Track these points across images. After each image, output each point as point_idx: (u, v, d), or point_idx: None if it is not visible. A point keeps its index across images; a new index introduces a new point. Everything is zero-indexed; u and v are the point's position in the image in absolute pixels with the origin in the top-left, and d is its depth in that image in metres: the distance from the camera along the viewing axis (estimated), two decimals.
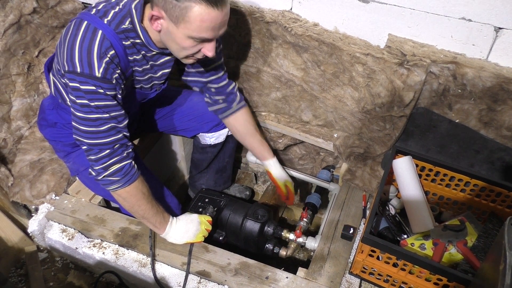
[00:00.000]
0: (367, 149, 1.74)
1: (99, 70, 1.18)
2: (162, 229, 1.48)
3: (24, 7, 1.72)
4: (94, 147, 1.27)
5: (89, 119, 1.23)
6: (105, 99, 1.22)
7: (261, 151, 1.73)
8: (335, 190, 1.89)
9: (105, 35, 1.18)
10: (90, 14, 1.21)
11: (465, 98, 1.46)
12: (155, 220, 1.45)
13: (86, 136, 1.26)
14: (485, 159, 1.55)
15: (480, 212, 1.56)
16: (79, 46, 1.17)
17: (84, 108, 1.21)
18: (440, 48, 1.47)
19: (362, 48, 1.55)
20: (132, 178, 1.34)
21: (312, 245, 1.63)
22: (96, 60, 1.17)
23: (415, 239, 1.44)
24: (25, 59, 1.76)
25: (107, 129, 1.25)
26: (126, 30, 1.23)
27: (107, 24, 1.19)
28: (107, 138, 1.27)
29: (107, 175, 1.31)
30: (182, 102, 1.77)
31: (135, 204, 1.39)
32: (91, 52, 1.17)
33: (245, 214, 1.65)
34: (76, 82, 1.19)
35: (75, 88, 1.19)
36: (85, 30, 1.18)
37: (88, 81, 1.18)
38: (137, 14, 1.22)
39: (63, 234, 1.60)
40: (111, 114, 1.25)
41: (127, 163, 1.32)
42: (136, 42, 1.27)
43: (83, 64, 1.17)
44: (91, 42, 1.17)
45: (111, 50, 1.20)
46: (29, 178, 1.71)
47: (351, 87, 1.65)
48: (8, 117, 1.72)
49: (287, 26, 1.61)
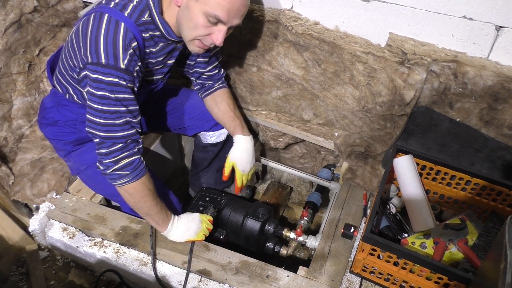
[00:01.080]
0: (368, 148, 1.74)
1: (123, 62, 1.20)
2: (164, 226, 1.48)
3: (24, 5, 1.72)
4: (107, 140, 1.28)
5: (107, 111, 1.24)
6: (126, 92, 1.24)
7: (230, 126, 1.67)
8: (336, 189, 1.89)
9: (127, 27, 1.20)
10: (109, 7, 1.21)
11: (466, 97, 1.46)
12: (158, 218, 1.45)
13: (102, 128, 1.26)
14: (486, 158, 1.55)
15: (480, 211, 1.56)
16: (104, 37, 1.18)
17: (104, 100, 1.22)
18: (441, 46, 1.47)
19: (363, 47, 1.55)
20: (140, 174, 1.35)
21: (313, 244, 1.63)
22: (122, 51, 1.19)
23: (416, 238, 1.44)
24: (25, 58, 1.76)
25: (122, 123, 1.27)
26: (146, 23, 1.26)
27: (128, 17, 1.21)
28: (122, 132, 1.28)
29: (117, 169, 1.31)
30: (182, 101, 1.78)
31: (141, 200, 1.39)
32: (116, 43, 1.18)
33: (246, 213, 1.65)
34: (99, 74, 1.20)
35: (97, 80, 1.20)
36: (108, 22, 1.19)
37: (112, 72, 1.19)
38: (155, 7, 1.25)
39: (64, 232, 1.60)
40: (129, 108, 1.26)
41: (137, 158, 1.33)
42: (154, 34, 1.30)
43: (108, 55, 1.18)
44: (115, 34, 1.18)
45: (134, 41, 1.22)
46: (30, 177, 1.71)
47: (351, 85, 1.65)
48: (9, 116, 1.72)
49: (287, 24, 1.61)
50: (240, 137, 1.64)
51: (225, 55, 1.81)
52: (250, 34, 1.72)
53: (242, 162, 1.65)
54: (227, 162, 1.65)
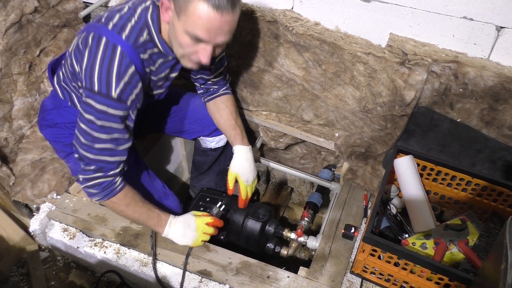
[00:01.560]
0: (368, 149, 1.74)
1: (115, 91, 1.18)
2: (160, 230, 1.47)
3: (25, 6, 1.72)
4: (84, 159, 1.29)
5: (90, 134, 1.24)
6: (113, 121, 1.23)
7: (230, 135, 1.64)
8: (336, 189, 1.89)
9: (123, 51, 1.18)
10: (107, 29, 1.20)
11: (467, 97, 1.46)
12: (149, 224, 1.45)
13: (82, 147, 1.27)
14: (486, 159, 1.55)
15: (481, 212, 1.55)
16: (100, 64, 1.17)
17: (89, 124, 1.23)
18: (441, 47, 1.47)
19: (363, 47, 1.55)
20: (111, 193, 1.34)
21: (313, 244, 1.63)
22: (115, 80, 1.18)
23: (417, 239, 1.44)
24: (26, 58, 1.76)
25: (101, 149, 1.26)
26: (145, 42, 1.24)
27: (126, 40, 1.19)
28: (98, 156, 1.27)
29: (87, 187, 1.32)
30: (184, 105, 1.77)
31: (120, 213, 1.41)
32: (110, 72, 1.17)
33: (246, 213, 1.65)
34: (91, 99, 1.20)
35: (88, 104, 1.20)
36: (105, 48, 1.18)
37: (102, 100, 1.19)
38: (154, 25, 1.23)
39: (65, 233, 1.60)
40: (113, 136, 1.26)
41: (107, 180, 1.32)
42: (153, 52, 1.28)
43: (101, 83, 1.17)
44: (111, 61, 1.17)
45: (131, 66, 1.21)
46: (30, 177, 1.71)
47: (352, 86, 1.65)
48: (9, 116, 1.72)
49: (288, 25, 1.61)
50: (240, 147, 1.61)
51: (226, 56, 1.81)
52: (250, 35, 1.72)
53: (245, 172, 1.61)
54: (229, 174, 1.61)
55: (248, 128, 2.11)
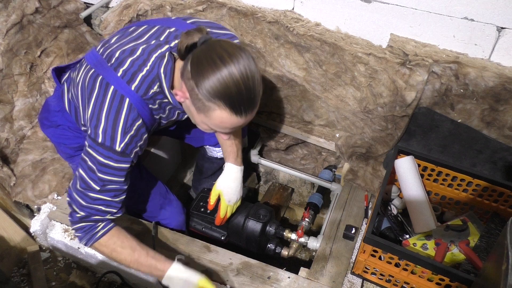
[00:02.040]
0: (369, 149, 1.74)
1: (120, 145, 1.14)
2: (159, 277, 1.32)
3: (26, 7, 1.72)
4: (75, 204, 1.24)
5: (86, 182, 1.20)
6: (113, 174, 1.19)
7: (225, 151, 1.58)
8: (337, 190, 1.89)
9: (132, 104, 1.13)
10: (116, 76, 1.14)
11: (467, 98, 1.46)
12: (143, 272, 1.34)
13: (76, 192, 1.23)
14: (487, 159, 1.55)
15: (482, 212, 1.55)
16: (106, 116, 1.12)
17: (89, 172, 1.19)
18: (442, 48, 1.47)
19: (364, 48, 1.55)
20: (92, 238, 1.26)
21: (314, 245, 1.63)
22: (120, 135, 1.14)
23: (417, 239, 1.44)
24: (27, 59, 1.76)
25: (94, 198, 1.22)
26: (155, 94, 1.18)
27: (135, 91, 1.14)
28: (90, 204, 1.22)
29: (75, 230, 1.27)
30: None
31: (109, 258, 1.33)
32: (116, 126, 1.13)
33: (247, 214, 1.65)
34: (93, 150, 1.16)
35: (90, 154, 1.17)
36: (112, 98, 1.12)
37: (104, 153, 1.15)
38: (166, 80, 1.15)
39: (65, 233, 1.60)
40: (110, 187, 1.21)
41: (90, 224, 1.26)
42: (163, 101, 1.22)
43: (106, 136, 1.13)
44: (117, 114, 1.12)
45: (139, 120, 1.16)
46: (31, 178, 1.71)
47: (353, 87, 1.65)
48: (10, 117, 1.72)
49: (289, 26, 1.61)
50: (231, 166, 1.54)
51: None
52: (251, 35, 1.72)
53: (229, 192, 1.54)
54: (213, 190, 1.55)
55: (249, 129, 2.11)
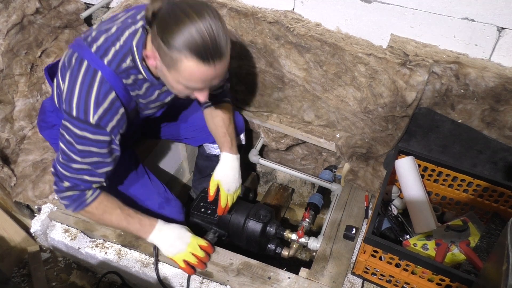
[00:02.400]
0: (370, 149, 1.74)
1: (93, 117, 1.16)
2: (145, 236, 1.41)
3: (27, 7, 1.72)
4: (59, 175, 1.28)
5: (67, 154, 1.23)
6: (92, 145, 1.21)
7: (220, 142, 1.60)
8: (337, 190, 1.89)
9: (104, 77, 1.16)
10: (90, 51, 1.17)
11: (468, 98, 1.46)
12: (131, 230, 1.40)
13: (59, 164, 1.27)
14: (487, 159, 1.55)
15: (482, 213, 1.55)
16: (79, 89, 1.16)
17: (68, 145, 1.22)
18: (442, 48, 1.47)
19: (364, 48, 1.55)
20: (82, 204, 1.32)
21: (314, 245, 1.63)
22: (93, 106, 1.16)
23: (418, 240, 1.44)
24: (28, 59, 1.76)
25: (77, 168, 1.25)
26: (128, 68, 1.20)
27: (107, 65, 1.16)
28: (74, 175, 1.26)
29: (60, 198, 1.32)
30: (188, 112, 1.76)
31: (98, 221, 1.40)
32: (88, 97, 1.15)
33: (247, 214, 1.65)
34: (70, 123, 1.19)
35: (67, 127, 1.20)
36: (85, 72, 1.16)
37: (80, 125, 1.17)
38: (138, 52, 1.18)
39: (66, 234, 1.60)
40: (92, 160, 1.24)
41: (77, 193, 1.31)
42: (138, 78, 1.24)
43: (79, 109, 1.16)
44: (89, 87, 1.15)
45: (111, 92, 1.18)
46: (31, 178, 1.71)
47: (353, 87, 1.65)
48: (11, 117, 1.72)
49: (289, 26, 1.61)
50: (227, 155, 1.56)
51: None
52: (251, 36, 1.72)
53: (228, 180, 1.56)
54: (212, 180, 1.57)
55: (249, 129, 2.11)
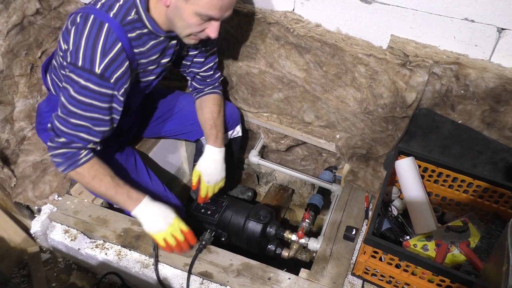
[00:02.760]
0: (370, 150, 1.74)
1: (99, 67, 1.20)
2: (130, 208, 1.40)
3: (27, 8, 1.72)
4: (56, 130, 1.30)
5: (67, 107, 1.25)
6: (94, 98, 1.24)
7: (206, 134, 1.63)
8: (337, 191, 1.89)
9: (111, 28, 1.20)
10: (95, 8, 1.23)
11: (468, 99, 1.46)
12: (117, 200, 1.40)
13: (57, 118, 1.29)
14: (488, 160, 1.55)
15: (483, 213, 1.55)
16: (86, 40, 1.19)
17: (69, 98, 1.24)
18: (442, 49, 1.47)
19: (364, 49, 1.55)
20: (74, 164, 1.33)
21: (314, 246, 1.63)
22: (99, 56, 1.19)
23: (418, 240, 1.44)
24: (28, 60, 1.76)
25: (76, 124, 1.27)
26: (132, 21, 1.25)
27: (113, 18, 1.21)
28: (71, 131, 1.28)
29: (53, 155, 1.33)
30: (183, 106, 1.77)
31: (86, 185, 1.40)
32: (95, 47, 1.19)
33: (247, 215, 1.65)
34: (74, 74, 1.21)
35: (71, 78, 1.22)
36: (92, 24, 1.20)
37: (84, 75, 1.20)
38: (141, 4, 1.24)
39: (66, 235, 1.60)
40: (92, 114, 1.27)
41: (71, 151, 1.32)
42: (143, 32, 1.29)
43: (85, 58, 1.19)
44: (96, 37, 1.19)
45: (117, 43, 1.22)
46: (32, 178, 1.71)
47: (353, 88, 1.65)
48: (11, 118, 1.73)
49: (289, 27, 1.61)
50: (210, 148, 1.60)
51: (226, 57, 1.81)
52: (251, 36, 1.72)
53: (208, 172, 1.60)
54: (194, 171, 1.62)
55: (249, 130, 2.11)
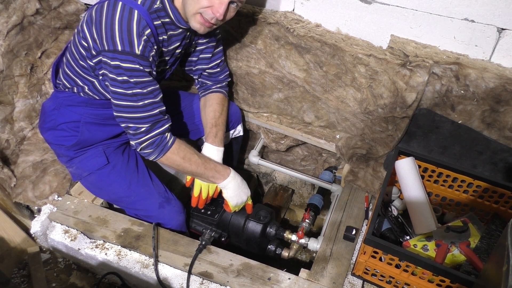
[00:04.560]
0: (370, 150, 1.73)
1: (138, 48, 1.25)
2: (218, 181, 1.51)
3: (27, 8, 1.72)
4: (132, 123, 1.34)
5: (128, 94, 1.30)
6: (143, 76, 1.29)
7: (206, 132, 1.64)
8: (338, 191, 1.89)
9: (140, 14, 1.25)
10: None
11: (468, 99, 1.46)
12: (207, 176, 1.49)
13: (126, 110, 1.33)
14: (488, 160, 1.55)
15: (483, 213, 1.55)
16: (119, 25, 1.23)
17: (124, 84, 1.28)
18: (442, 49, 1.47)
19: (364, 49, 1.55)
20: (164, 149, 1.40)
21: (314, 246, 1.63)
22: (136, 38, 1.24)
23: (418, 240, 1.44)
24: (28, 60, 1.76)
25: (143, 105, 1.32)
26: (158, 10, 1.31)
27: (141, 5, 1.26)
28: (144, 113, 1.33)
29: (142, 148, 1.38)
30: (186, 105, 1.78)
31: (178, 167, 1.46)
32: (130, 30, 1.23)
33: (247, 215, 1.65)
34: (118, 60, 1.25)
35: (117, 66, 1.26)
36: (122, 10, 1.24)
37: (129, 58, 1.25)
38: None
39: (66, 235, 1.60)
40: (148, 89, 1.32)
41: (158, 137, 1.38)
42: (165, 21, 1.34)
43: (124, 42, 1.23)
44: (129, 21, 1.23)
45: (147, 29, 1.27)
46: (31, 179, 1.71)
47: (353, 88, 1.65)
48: (11, 118, 1.72)
49: (289, 27, 1.61)
50: (207, 146, 1.60)
51: (227, 57, 1.81)
52: (251, 37, 1.72)
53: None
54: None
55: (250, 130, 2.11)
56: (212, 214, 1.66)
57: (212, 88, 1.69)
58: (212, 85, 1.69)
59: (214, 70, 1.66)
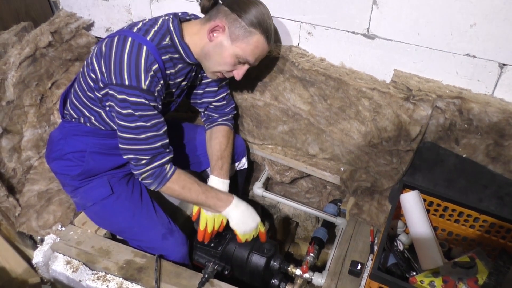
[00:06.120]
0: (374, 183, 1.73)
1: (145, 83, 1.28)
2: (220, 209, 1.50)
3: (40, 40, 1.78)
4: (134, 155, 1.37)
5: (131, 127, 1.32)
6: (148, 109, 1.32)
7: (212, 164, 1.65)
8: (342, 224, 1.87)
9: (149, 50, 1.29)
10: (132, 32, 1.32)
11: (472, 132, 1.47)
12: (208, 205, 1.48)
13: (128, 142, 1.35)
14: (493, 194, 1.53)
15: (490, 249, 1.53)
16: (128, 60, 1.27)
17: (129, 117, 1.31)
18: (445, 83, 1.49)
19: (368, 83, 1.57)
20: (164, 180, 1.41)
21: (319, 281, 1.60)
22: (143, 73, 1.28)
23: (425, 276, 1.41)
24: (38, 90, 1.80)
25: (145, 138, 1.34)
26: (167, 46, 1.35)
27: (150, 41, 1.30)
28: (145, 145, 1.35)
29: (143, 179, 1.42)
30: (191, 137, 1.79)
31: (178, 196, 1.47)
32: (138, 65, 1.27)
33: (251, 248, 1.63)
34: (124, 94, 1.28)
35: (123, 100, 1.29)
36: (131, 46, 1.28)
37: (135, 93, 1.28)
38: (176, 32, 1.35)
39: (68, 266, 1.58)
40: (152, 122, 1.34)
41: (158, 169, 1.40)
42: (174, 57, 1.39)
43: (131, 77, 1.27)
44: (138, 57, 1.27)
45: (155, 64, 1.30)
46: (36, 208, 1.71)
47: (357, 121, 1.66)
48: (18, 147, 1.75)
49: (294, 61, 1.65)
50: (213, 178, 1.61)
51: (233, 90, 1.84)
52: (257, 70, 1.75)
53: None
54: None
55: (254, 162, 2.11)
56: (215, 246, 1.64)
57: (218, 121, 1.70)
58: (218, 118, 1.71)
59: (220, 103, 1.68)
